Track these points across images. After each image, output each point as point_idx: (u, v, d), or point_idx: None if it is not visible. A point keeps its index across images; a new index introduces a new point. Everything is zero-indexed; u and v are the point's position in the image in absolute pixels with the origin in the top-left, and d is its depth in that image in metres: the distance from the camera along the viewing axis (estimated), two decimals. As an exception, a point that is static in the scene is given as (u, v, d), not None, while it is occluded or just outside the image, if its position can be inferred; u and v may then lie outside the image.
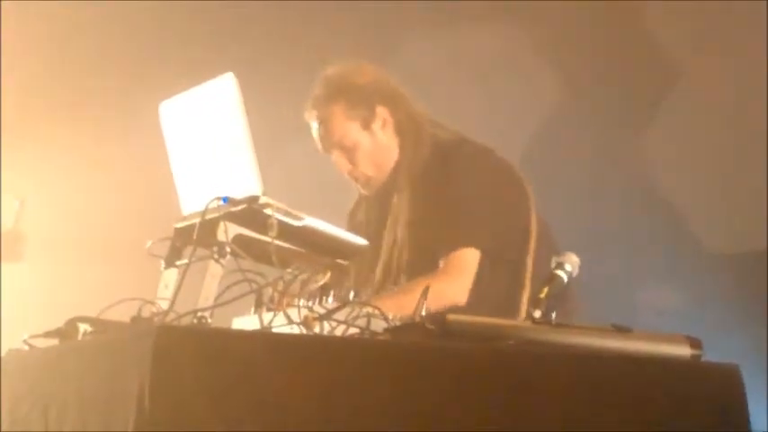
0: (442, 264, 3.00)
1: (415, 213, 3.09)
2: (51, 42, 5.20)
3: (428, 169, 3.10)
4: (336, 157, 3.15)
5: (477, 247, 3.01)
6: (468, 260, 3.00)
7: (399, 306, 2.69)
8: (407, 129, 3.14)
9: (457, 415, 1.92)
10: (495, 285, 3.06)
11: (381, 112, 3.12)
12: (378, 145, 3.13)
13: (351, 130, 3.11)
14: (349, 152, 3.13)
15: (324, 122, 3.12)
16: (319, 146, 3.16)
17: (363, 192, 3.22)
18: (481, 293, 3.01)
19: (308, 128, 3.19)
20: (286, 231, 2.38)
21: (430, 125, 3.17)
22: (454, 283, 2.98)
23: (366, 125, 3.11)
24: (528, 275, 3.05)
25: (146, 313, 2.31)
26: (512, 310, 3.01)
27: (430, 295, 2.89)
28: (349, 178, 3.19)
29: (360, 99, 3.10)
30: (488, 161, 3.13)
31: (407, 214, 3.10)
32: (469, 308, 2.97)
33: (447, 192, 3.05)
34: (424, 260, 3.04)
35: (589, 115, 4.89)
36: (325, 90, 3.12)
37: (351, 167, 3.15)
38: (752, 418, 2.11)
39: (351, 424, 1.84)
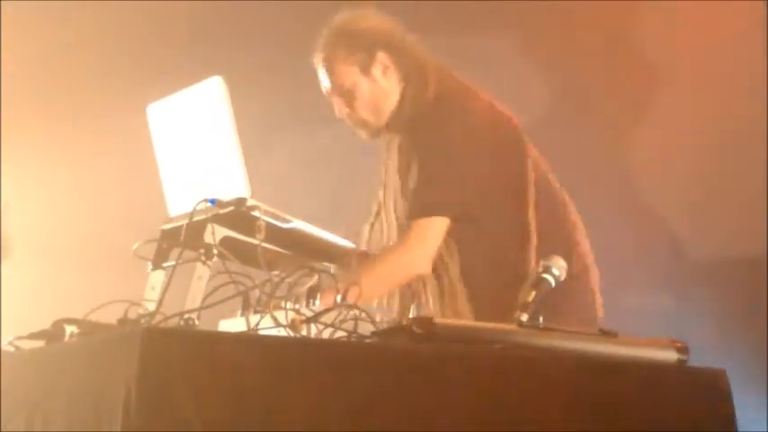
0: (407, 232, 3.01)
1: (401, 162, 3.11)
2: (36, 46, 5.18)
3: (423, 119, 3.09)
4: (335, 100, 3.18)
5: (442, 215, 3.00)
6: (431, 227, 2.99)
7: (370, 285, 2.68)
8: (412, 76, 3.14)
9: (444, 419, 1.92)
10: (493, 245, 3.04)
11: (382, 57, 3.13)
12: (377, 90, 3.14)
13: (349, 74, 3.13)
14: (347, 96, 3.15)
15: (326, 66, 3.16)
16: (323, 88, 3.20)
17: (362, 135, 3.23)
18: (475, 256, 3.01)
19: (296, 130, 3.20)
20: (274, 234, 2.38)
21: (438, 73, 3.16)
22: (411, 252, 2.98)
23: (365, 70, 3.13)
24: (532, 228, 3.03)
25: (132, 315, 2.30)
26: (519, 266, 2.98)
27: (393, 266, 2.98)
28: (347, 121, 3.20)
29: (359, 44, 3.13)
30: (473, 115, 3.10)
31: (396, 162, 3.14)
32: (470, 271, 2.99)
33: (423, 149, 3.06)
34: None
35: (575, 117, 4.88)
36: (329, 35, 3.16)
37: (348, 111, 3.17)
38: (752, 422, 2.13)
39: (338, 426, 1.84)
